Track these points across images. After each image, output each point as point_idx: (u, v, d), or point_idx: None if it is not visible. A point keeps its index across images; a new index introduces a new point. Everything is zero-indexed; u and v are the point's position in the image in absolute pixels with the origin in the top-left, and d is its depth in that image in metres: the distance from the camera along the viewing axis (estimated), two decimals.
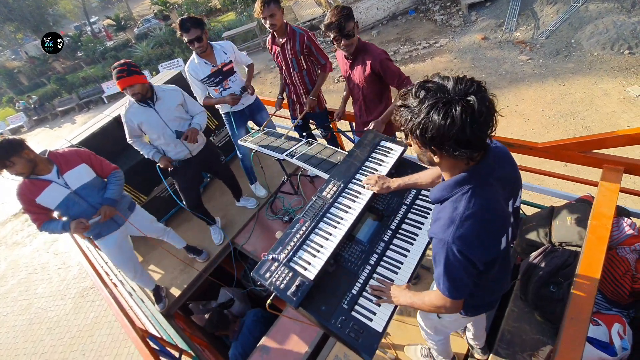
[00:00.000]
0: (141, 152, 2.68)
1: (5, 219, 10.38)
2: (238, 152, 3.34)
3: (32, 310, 6.69)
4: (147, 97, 2.44)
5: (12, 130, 18.10)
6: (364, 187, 1.74)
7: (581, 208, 2.00)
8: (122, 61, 2.32)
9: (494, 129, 0.91)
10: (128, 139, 2.62)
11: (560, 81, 7.36)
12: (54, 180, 2.22)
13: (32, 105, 18.30)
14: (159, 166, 2.66)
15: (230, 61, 2.88)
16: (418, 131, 0.91)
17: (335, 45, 2.35)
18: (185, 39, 2.61)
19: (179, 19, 2.58)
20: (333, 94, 9.04)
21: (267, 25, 2.62)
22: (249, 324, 2.90)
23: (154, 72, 15.59)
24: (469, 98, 0.85)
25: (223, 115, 3.15)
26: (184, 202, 2.99)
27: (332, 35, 2.26)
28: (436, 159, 1.00)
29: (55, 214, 2.33)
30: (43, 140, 15.63)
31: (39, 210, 2.23)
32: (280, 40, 2.73)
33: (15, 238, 9.28)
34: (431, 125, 0.87)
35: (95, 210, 2.37)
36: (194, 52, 2.76)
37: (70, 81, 19.57)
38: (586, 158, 1.98)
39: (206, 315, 3.21)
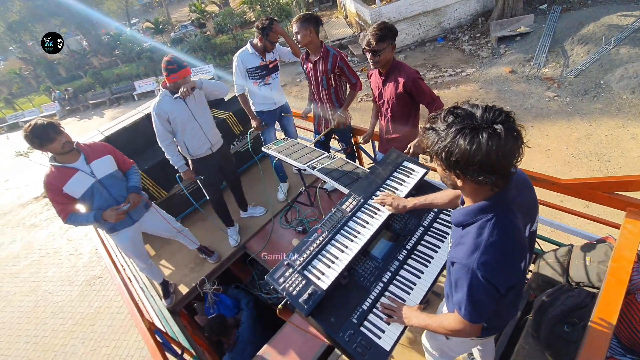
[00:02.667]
0: (169, 158, 2.81)
1: (27, 200, 10.79)
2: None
3: (39, 293, 6.85)
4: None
5: (45, 117, 18.95)
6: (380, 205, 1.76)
7: (602, 249, 1.96)
8: (172, 55, 2.52)
9: (519, 158, 0.93)
10: (160, 141, 2.73)
11: (587, 121, 7.26)
12: (80, 169, 2.33)
13: (67, 96, 19.23)
14: (179, 176, 2.88)
15: (276, 59, 3.15)
16: (443, 154, 0.94)
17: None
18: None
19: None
20: (356, 112, 9.17)
21: (296, 41, 2.77)
22: (244, 338, 2.92)
23: None
24: (496, 127, 0.88)
25: (257, 113, 3.30)
26: (208, 197, 3.12)
27: (363, 46, 2.42)
28: (459, 183, 1.02)
29: (81, 207, 2.43)
30: (71, 130, 16.28)
31: (65, 201, 2.32)
32: (314, 57, 2.85)
33: (34, 220, 9.61)
34: (456, 150, 0.90)
35: (116, 202, 2.48)
36: (248, 43, 3.05)
37: (105, 76, 20.55)
38: (610, 199, 1.95)
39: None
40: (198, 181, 2.97)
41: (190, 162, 2.94)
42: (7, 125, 19.97)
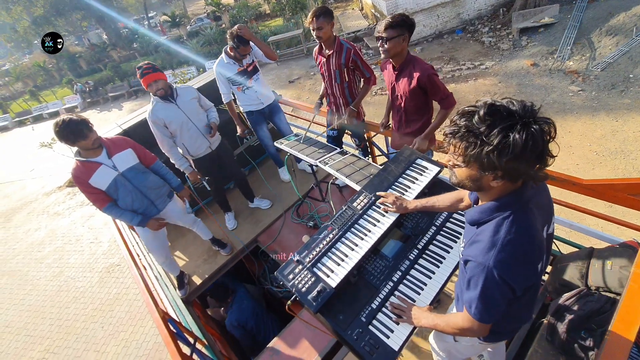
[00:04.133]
0: (174, 162, 2.96)
1: (51, 189, 11.21)
2: (263, 143, 3.60)
3: (62, 278, 7.15)
4: (168, 94, 2.72)
5: (67, 109, 19.62)
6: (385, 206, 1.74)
7: (625, 254, 1.88)
8: (146, 62, 2.64)
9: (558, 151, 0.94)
10: (161, 146, 2.86)
11: (613, 117, 6.93)
12: (103, 163, 2.41)
13: (88, 89, 19.76)
14: (187, 177, 3.12)
15: (253, 60, 3.17)
16: (494, 155, 0.89)
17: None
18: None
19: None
20: (370, 106, 9.05)
21: (314, 36, 2.71)
22: (240, 295, 3.22)
23: (200, 70, 16.35)
24: (537, 119, 0.89)
25: (245, 114, 3.40)
26: (209, 189, 3.28)
27: (375, 33, 2.40)
28: (494, 184, 0.98)
29: (123, 205, 2.54)
30: (92, 122, 16.77)
31: (96, 192, 2.42)
32: (327, 51, 2.81)
33: (57, 209, 9.99)
34: (511, 147, 0.86)
35: (140, 193, 2.56)
36: (223, 51, 3.07)
37: (123, 69, 20.96)
38: (635, 201, 1.86)
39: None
40: (204, 182, 3.13)
41: (191, 162, 3.06)
42: (33, 116, 20.70)
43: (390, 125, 2.91)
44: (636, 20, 8.64)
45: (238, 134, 3.45)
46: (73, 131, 2.20)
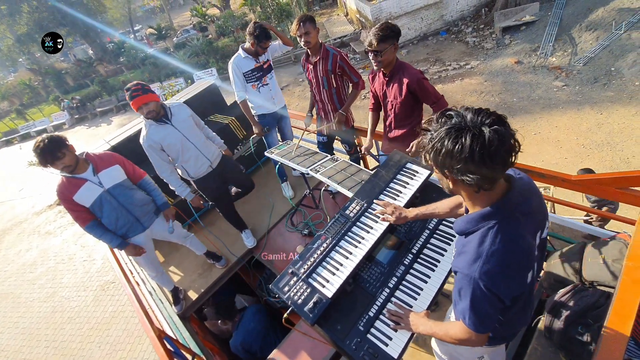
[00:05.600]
0: (174, 189, 2.76)
1: (41, 209, 11.02)
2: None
3: (56, 299, 7.00)
4: (161, 115, 2.53)
5: (55, 126, 19.39)
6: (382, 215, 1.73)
7: (616, 247, 1.89)
8: (135, 82, 2.45)
9: (510, 161, 0.92)
10: (159, 173, 2.68)
11: (598, 110, 7.08)
12: (89, 179, 2.37)
13: (75, 105, 19.56)
14: (190, 203, 2.88)
15: (268, 59, 3.18)
16: (432, 154, 0.97)
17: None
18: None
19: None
20: (360, 109, 9.11)
21: (302, 43, 2.73)
22: (249, 314, 3.06)
23: (189, 81, 16.31)
24: (483, 129, 0.89)
25: (258, 117, 3.30)
26: (219, 210, 3.17)
27: (366, 46, 2.43)
28: (451, 185, 1.04)
29: (108, 222, 2.48)
30: (80, 138, 16.61)
31: (79, 209, 2.38)
32: (314, 58, 2.82)
33: (48, 228, 9.81)
34: (442, 149, 0.93)
35: (125, 210, 2.51)
36: (240, 48, 3.06)
37: (111, 84, 20.82)
38: (624, 195, 1.89)
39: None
40: (207, 206, 3.05)
41: (193, 184, 2.90)
42: (20, 135, 20.40)
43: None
44: (614, 15, 8.87)
45: (254, 135, 3.36)
46: (44, 155, 2.15)
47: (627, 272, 1.56)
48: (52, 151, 2.16)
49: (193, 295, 3.05)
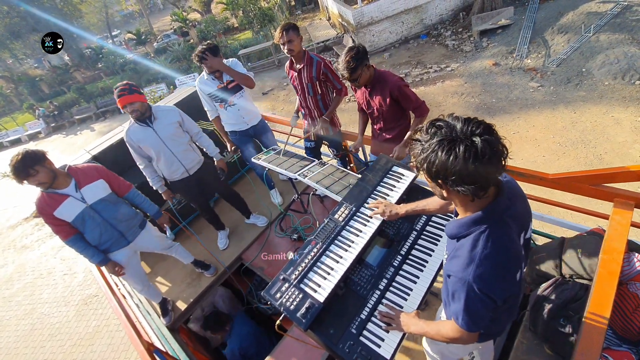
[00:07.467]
0: (148, 180, 2.86)
1: (17, 222, 10.57)
2: (250, 165, 3.52)
3: (35, 316, 6.70)
4: (145, 116, 2.59)
5: (30, 135, 18.66)
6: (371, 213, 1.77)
7: (592, 241, 1.99)
8: (124, 82, 2.54)
9: (500, 168, 0.95)
10: (137, 163, 2.78)
11: (571, 109, 7.39)
12: (71, 195, 2.29)
13: (52, 112, 18.90)
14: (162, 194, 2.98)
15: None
16: (425, 165, 0.98)
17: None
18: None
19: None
20: (345, 112, 9.20)
21: (285, 51, 2.75)
22: (239, 320, 3.11)
23: (171, 87, 16.05)
24: (474, 139, 0.91)
25: (229, 133, 3.30)
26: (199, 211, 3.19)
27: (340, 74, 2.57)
28: (444, 193, 1.05)
29: (90, 237, 2.43)
30: (57, 147, 16.03)
31: (59, 223, 2.30)
32: (298, 65, 2.85)
33: (25, 242, 9.41)
34: (436, 161, 0.94)
35: (109, 225, 2.45)
36: (204, 69, 2.93)
37: (89, 90, 20.26)
38: (597, 191, 1.99)
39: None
40: (173, 200, 3.08)
41: (169, 182, 2.97)
42: None
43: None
44: (584, 18, 9.31)
45: (227, 151, 3.37)
46: (16, 172, 2.09)
47: (602, 264, 1.64)
48: (24, 168, 2.09)
49: (182, 305, 2.99)
